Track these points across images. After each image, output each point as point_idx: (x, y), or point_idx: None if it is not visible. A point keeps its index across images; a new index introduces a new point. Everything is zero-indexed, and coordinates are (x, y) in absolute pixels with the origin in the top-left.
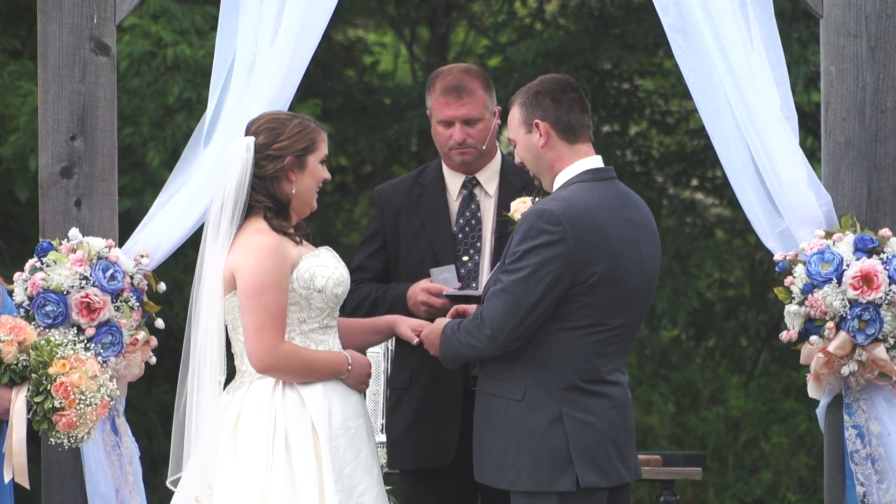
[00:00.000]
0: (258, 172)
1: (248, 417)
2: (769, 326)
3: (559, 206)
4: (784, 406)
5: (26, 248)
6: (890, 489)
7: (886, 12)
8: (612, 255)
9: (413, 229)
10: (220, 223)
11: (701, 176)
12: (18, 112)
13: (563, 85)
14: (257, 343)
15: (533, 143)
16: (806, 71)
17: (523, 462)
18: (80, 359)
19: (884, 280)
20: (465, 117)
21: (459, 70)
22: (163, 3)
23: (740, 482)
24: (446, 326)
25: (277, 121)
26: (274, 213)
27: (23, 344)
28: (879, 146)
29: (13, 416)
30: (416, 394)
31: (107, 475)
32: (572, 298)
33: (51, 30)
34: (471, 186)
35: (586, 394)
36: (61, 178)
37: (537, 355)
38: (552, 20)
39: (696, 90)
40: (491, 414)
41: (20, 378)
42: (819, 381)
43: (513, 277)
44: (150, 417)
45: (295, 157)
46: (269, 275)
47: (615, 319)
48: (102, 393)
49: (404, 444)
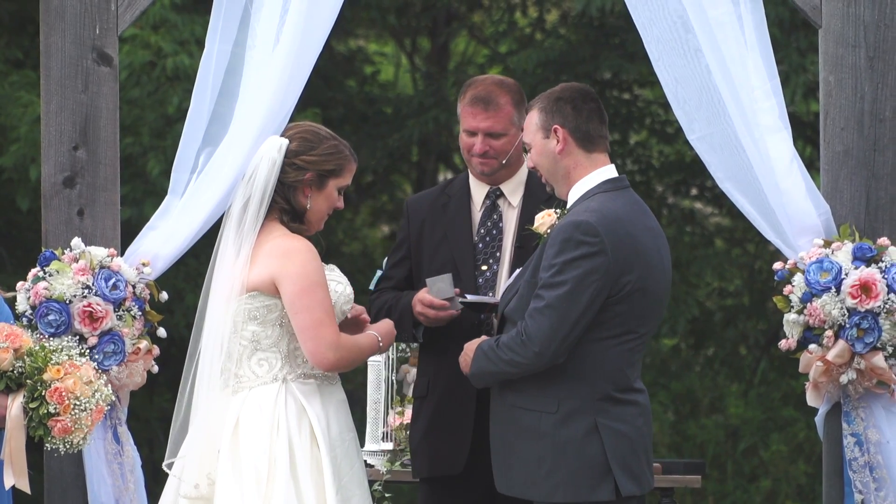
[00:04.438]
0: (280, 176)
1: (248, 422)
2: (768, 335)
3: (595, 217)
4: (783, 414)
5: (28, 256)
6: (888, 497)
7: (885, 23)
8: (642, 264)
9: (436, 238)
10: (243, 217)
11: (700, 185)
12: (20, 122)
13: (584, 94)
14: (320, 340)
15: (550, 149)
16: (805, 80)
17: (560, 474)
18: (76, 364)
19: (882, 289)
20: (488, 130)
21: (492, 82)
22: (163, 13)
23: (739, 490)
24: (482, 344)
25: (316, 135)
26: (290, 217)
27: (18, 351)
28: (878, 155)
29: (10, 422)
30: (432, 402)
31: (108, 484)
32: (607, 308)
33: (53, 40)
34: (494, 197)
35: (619, 403)
36: (64, 187)
37: (570, 367)
38: (552, 30)
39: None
40: (521, 427)
41: (16, 385)
42: (818, 389)
43: (556, 293)
44: (151, 426)
45: (316, 175)
46: (316, 274)
47: (643, 327)
48: (97, 398)
49: (420, 452)
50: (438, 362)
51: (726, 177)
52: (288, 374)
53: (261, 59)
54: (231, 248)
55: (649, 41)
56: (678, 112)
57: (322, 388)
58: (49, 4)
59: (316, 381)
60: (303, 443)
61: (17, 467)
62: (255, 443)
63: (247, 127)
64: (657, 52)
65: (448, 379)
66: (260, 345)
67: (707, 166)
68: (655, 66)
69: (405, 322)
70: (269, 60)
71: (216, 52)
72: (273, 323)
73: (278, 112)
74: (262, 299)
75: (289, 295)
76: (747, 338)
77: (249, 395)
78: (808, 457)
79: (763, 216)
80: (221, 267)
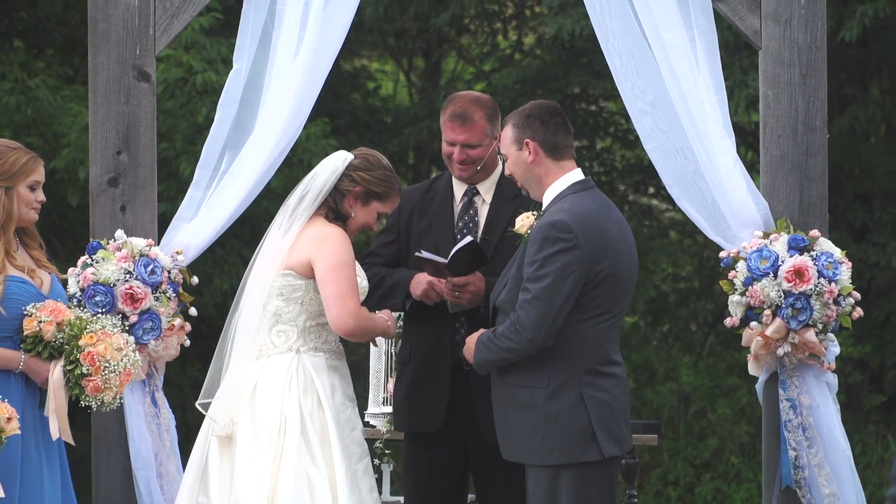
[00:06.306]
0: (337, 183)
1: (265, 385)
2: (715, 314)
3: (568, 216)
4: (728, 382)
5: (78, 246)
6: (818, 453)
7: (816, 45)
8: (613, 253)
9: (422, 226)
10: (299, 205)
11: (657, 185)
12: (70, 130)
13: (552, 110)
14: (343, 308)
15: (523, 159)
16: (747, 95)
17: (552, 441)
18: (108, 333)
19: (813, 274)
20: (464, 142)
21: (469, 99)
22: (194, 36)
23: (690, 447)
24: (481, 336)
25: (377, 161)
26: (334, 216)
27: (61, 324)
28: (810, 159)
29: (52, 383)
30: (413, 368)
31: (147, 441)
32: (585, 293)
33: (100, 60)
34: (471, 195)
35: (601, 375)
36: (109, 187)
37: (557, 347)
38: (529, 51)
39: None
40: (517, 402)
41: (58, 353)
42: (758, 360)
43: (541, 285)
44: (184, 392)
45: (365, 192)
46: (347, 254)
47: (617, 306)
48: (125, 362)
49: (402, 410)
50: (420, 333)
51: (674, 182)
52: (301, 346)
53: (279, 75)
54: (281, 229)
55: (614, 62)
56: (637, 124)
57: (329, 361)
58: (96, 29)
59: (325, 356)
60: (311, 407)
61: (61, 421)
62: (270, 405)
63: (266, 133)
64: (621, 71)
65: (428, 347)
66: (281, 318)
67: (659, 173)
68: (618, 82)
69: (398, 292)
70: (286, 76)
71: (243, 69)
72: (296, 301)
73: (293, 121)
74: (291, 279)
75: (321, 269)
76: (697, 316)
77: (267, 362)
78: (749, 419)
79: (705, 216)
80: (268, 245)
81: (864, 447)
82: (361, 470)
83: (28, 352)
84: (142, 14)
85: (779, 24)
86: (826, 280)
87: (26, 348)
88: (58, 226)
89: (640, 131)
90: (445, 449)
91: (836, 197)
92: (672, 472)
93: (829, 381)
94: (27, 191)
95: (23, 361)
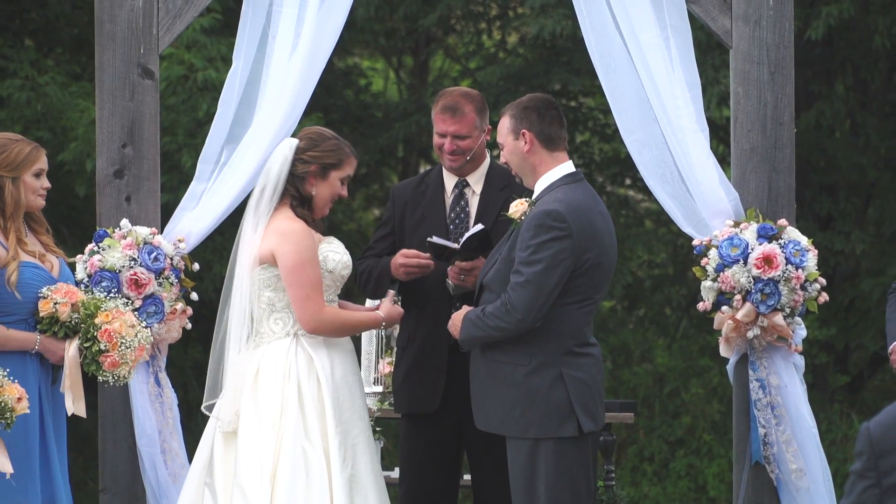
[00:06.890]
0: (291, 169)
1: (266, 370)
2: (688, 299)
3: (562, 206)
4: (700, 363)
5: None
6: (786, 430)
7: (783, 44)
8: (598, 244)
9: (416, 219)
10: (260, 201)
11: (633, 177)
12: (77, 124)
13: (548, 103)
14: (306, 310)
15: (519, 149)
16: (718, 91)
17: (532, 415)
18: (121, 311)
19: (781, 261)
20: (455, 133)
21: (459, 93)
22: (195, 36)
23: (665, 425)
24: (468, 314)
25: (320, 135)
26: (299, 203)
27: (75, 306)
28: (778, 152)
29: (68, 360)
30: (411, 352)
31: (151, 419)
32: (572, 280)
33: (106, 58)
34: (462, 186)
35: (578, 355)
36: (114, 178)
37: (542, 328)
38: (513, 49)
39: (616, 107)
40: (499, 376)
41: (73, 332)
42: (729, 343)
43: (533, 269)
44: (186, 373)
45: (320, 168)
46: (307, 252)
47: (598, 293)
48: (139, 338)
49: (400, 393)
50: (417, 318)
51: (651, 175)
52: (299, 330)
53: (276, 73)
54: (250, 226)
55: (596, 60)
56: (618, 118)
57: (328, 340)
58: (102, 29)
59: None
60: (311, 385)
61: (75, 396)
62: (271, 388)
63: (264, 128)
64: (602, 68)
65: (426, 333)
66: (275, 307)
67: (637, 165)
68: (602, 80)
69: (384, 279)
70: (283, 74)
71: (240, 67)
72: (283, 289)
73: (290, 116)
74: (273, 270)
75: (283, 269)
76: (671, 301)
77: (267, 348)
78: (720, 398)
79: (679, 207)
80: (244, 241)
81: (830, 425)
82: (362, 444)
83: (44, 332)
84: (146, 15)
85: (748, 25)
86: (793, 267)
87: (42, 329)
88: (66, 215)
89: (620, 126)
90: (441, 428)
91: (802, 188)
92: (647, 448)
93: (797, 363)
94: (33, 179)
95: (39, 341)
